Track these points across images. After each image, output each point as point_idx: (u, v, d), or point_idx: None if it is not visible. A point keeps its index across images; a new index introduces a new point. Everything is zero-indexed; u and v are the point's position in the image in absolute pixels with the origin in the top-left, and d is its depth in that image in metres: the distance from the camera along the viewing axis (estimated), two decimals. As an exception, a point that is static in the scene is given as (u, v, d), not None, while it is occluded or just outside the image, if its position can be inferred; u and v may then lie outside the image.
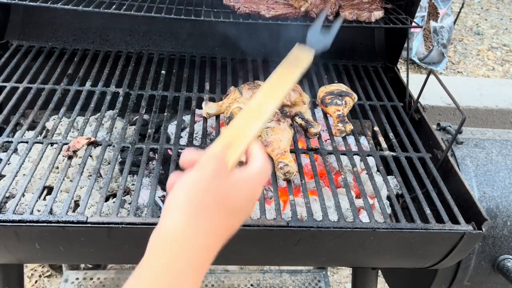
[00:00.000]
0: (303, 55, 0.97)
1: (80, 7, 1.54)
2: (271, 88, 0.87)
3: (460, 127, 1.42)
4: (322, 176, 1.43)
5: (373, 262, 1.44)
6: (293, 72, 0.92)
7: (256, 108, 0.82)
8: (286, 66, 0.94)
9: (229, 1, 1.70)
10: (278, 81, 0.89)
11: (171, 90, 1.66)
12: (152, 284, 0.62)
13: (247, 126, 0.79)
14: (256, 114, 0.81)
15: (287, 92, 0.89)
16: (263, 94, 0.85)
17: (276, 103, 0.84)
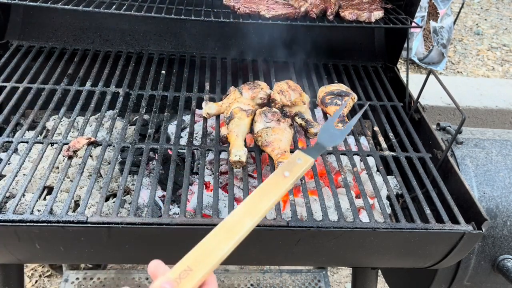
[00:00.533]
0: (301, 162, 0.88)
1: (80, 7, 1.54)
2: (254, 202, 0.79)
3: (460, 127, 1.42)
4: (322, 176, 1.43)
5: (373, 262, 1.44)
6: (285, 182, 0.83)
7: (231, 225, 0.75)
8: (279, 175, 0.84)
9: (229, 1, 1.70)
10: (263, 193, 0.80)
11: (171, 90, 1.66)
12: None
13: (214, 250, 0.72)
14: (229, 234, 0.74)
15: (270, 208, 0.80)
16: (243, 209, 0.77)
17: (254, 221, 0.76)
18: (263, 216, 0.79)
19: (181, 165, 1.46)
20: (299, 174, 0.85)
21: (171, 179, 1.26)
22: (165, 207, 1.17)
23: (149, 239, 1.17)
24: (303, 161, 0.88)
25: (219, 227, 0.74)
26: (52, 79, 1.65)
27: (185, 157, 1.34)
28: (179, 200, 1.42)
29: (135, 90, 1.63)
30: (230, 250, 0.72)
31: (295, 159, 0.88)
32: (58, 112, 1.51)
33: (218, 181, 1.28)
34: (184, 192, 1.22)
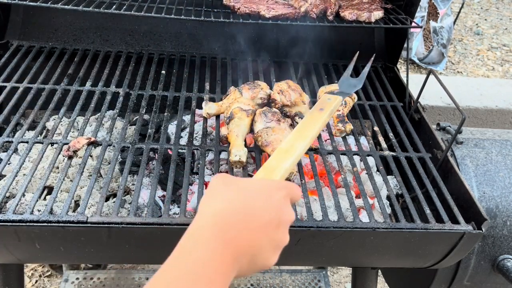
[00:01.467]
0: (331, 100, 1.06)
1: (80, 7, 1.54)
2: (301, 130, 0.93)
3: (460, 127, 1.42)
4: (322, 176, 1.43)
5: (373, 262, 1.44)
6: (321, 115, 1.00)
7: (288, 148, 0.86)
8: (315, 110, 1.01)
9: (229, 1, 1.70)
10: (307, 124, 0.96)
11: (171, 90, 1.66)
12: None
13: (278, 165, 0.82)
14: (287, 154, 0.85)
15: (316, 134, 0.96)
16: (294, 136, 0.91)
17: (306, 143, 0.90)
18: (311, 141, 0.93)
19: (181, 165, 1.46)
20: (331, 108, 1.03)
21: (171, 179, 1.26)
22: (165, 207, 1.17)
23: (149, 239, 1.17)
24: (332, 99, 1.06)
25: (276, 151, 0.86)
26: (52, 79, 1.65)
27: (185, 157, 1.34)
28: (179, 200, 1.42)
29: (135, 90, 1.63)
30: (291, 166, 0.84)
31: (326, 98, 1.06)
32: (58, 112, 1.51)
33: (218, 181, 1.28)
34: (184, 192, 1.22)
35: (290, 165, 0.84)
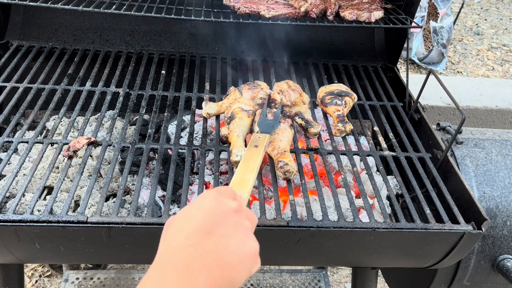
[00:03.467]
0: (261, 138, 1.23)
1: (80, 7, 1.54)
2: (247, 164, 1.06)
3: (460, 127, 1.42)
4: (322, 176, 1.43)
5: (373, 262, 1.44)
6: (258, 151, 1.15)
7: (240, 181, 0.96)
8: (251, 148, 1.16)
9: (229, 1, 1.70)
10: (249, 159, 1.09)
11: (171, 90, 1.66)
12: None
13: None
14: (242, 185, 0.94)
15: (258, 167, 1.09)
16: (242, 170, 1.02)
17: (254, 174, 1.01)
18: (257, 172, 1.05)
19: (181, 165, 1.46)
20: (264, 144, 1.20)
21: (171, 179, 1.26)
22: (165, 207, 1.17)
23: (149, 239, 1.17)
24: (262, 137, 1.23)
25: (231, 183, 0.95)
26: (52, 79, 1.65)
27: (185, 157, 1.34)
28: (179, 200, 1.42)
29: (135, 90, 1.63)
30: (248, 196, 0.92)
31: (256, 137, 1.24)
32: (58, 112, 1.51)
33: (218, 181, 1.28)
34: (184, 192, 1.22)
35: (247, 195, 0.91)
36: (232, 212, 0.72)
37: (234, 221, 0.71)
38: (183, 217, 0.71)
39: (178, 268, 0.62)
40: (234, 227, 0.71)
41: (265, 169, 1.43)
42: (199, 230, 0.67)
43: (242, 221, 0.73)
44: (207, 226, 0.68)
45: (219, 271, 0.64)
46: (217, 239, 0.67)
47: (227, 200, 0.74)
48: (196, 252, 0.64)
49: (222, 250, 0.66)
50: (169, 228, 0.72)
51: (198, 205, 0.72)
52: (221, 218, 0.70)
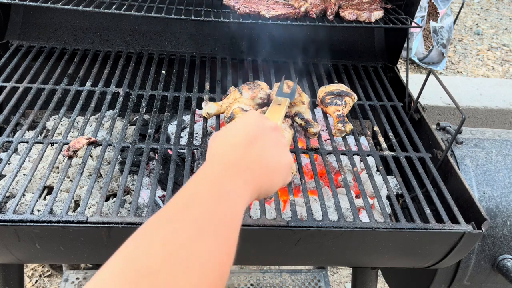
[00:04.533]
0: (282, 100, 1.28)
1: (80, 7, 1.54)
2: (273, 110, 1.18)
3: (460, 127, 1.42)
4: (322, 176, 1.43)
5: (373, 262, 1.44)
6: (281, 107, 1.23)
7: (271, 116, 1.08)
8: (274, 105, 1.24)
9: (229, 1, 1.70)
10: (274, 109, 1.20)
11: (171, 90, 1.66)
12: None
13: None
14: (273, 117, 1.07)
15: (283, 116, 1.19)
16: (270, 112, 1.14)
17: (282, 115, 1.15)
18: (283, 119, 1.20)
19: (181, 165, 1.46)
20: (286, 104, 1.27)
21: (171, 179, 1.26)
22: (165, 207, 1.17)
23: (149, 239, 1.17)
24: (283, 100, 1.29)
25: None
26: (52, 79, 1.65)
27: (185, 157, 1.34)
28: (179, 200, 1.41)
29: (135, 90, 1.63)
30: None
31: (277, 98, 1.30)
32: (58, 112, 1.51)
33: (218, 181, 1.28)
34: (184, 192, 1.22)
35: (279, 123, 1.13)
36: (271, 129, 0.85)
37: (274, 136, 0.84)
38: (229, 131, 0.82)
39: (227, 165, 0.72)
40: (274, 141, 0.83)
41: (265, 169, 1.42)
42: (245, 141, 0.78)
43: (280, 137, 0.85)
44: (252, 138, 0.79)
45: (261, 173, 0.76)
46: (260, 149, 0.78)
47: (267, 120, 0.87)
48: (242, 157, 0.75)
49: (264, 157, 0.78)
50: (214, 140, 0.81)
51: (243, 122, 0.83)
52: (263, 133, 0.82)
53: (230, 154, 0.75)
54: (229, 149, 0.76)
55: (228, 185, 0.69)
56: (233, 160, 0.74)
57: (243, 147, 0.77)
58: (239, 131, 0.81)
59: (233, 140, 0.78)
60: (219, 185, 0.68)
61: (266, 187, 0.78)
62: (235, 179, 0.71)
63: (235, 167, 0.72)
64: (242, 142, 0.78)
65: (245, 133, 0.80)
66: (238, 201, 0.68)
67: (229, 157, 0.74)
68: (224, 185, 0.68)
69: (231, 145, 0.77)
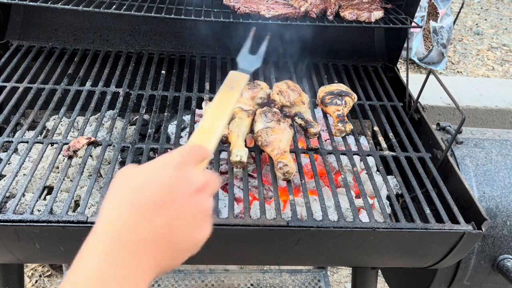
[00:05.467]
0: (239, 79, 1.03)
1: (80, 7, 1.54)
2: (218, 109, 0.91)
3: (460, 127, 1.42)
4: (322, 176, 1.43)
5: (373, 262, 1.44)
6: (234, 94, 0.97)
7: (207, 129, 0.84)
8: (226, 89, 0.98)
9: (229, 1, 1.70)
10: (222, 103, 0.94)
11: (171, 90, 1.66)
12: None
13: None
14: (210, 133, 0.83)
15: (231, 112, 0.94)
16: (211, 116, 0.88)
17: (224, 123, 0.88)
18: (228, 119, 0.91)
19: (181, 165, 1.46)
20: (241, 86, 1.00)
21: (171, 179, 1.26)
22: (165, 207, 1.17)
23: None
24: (240, 77, 1.03)
25: (198, 131, 0.83)
26: (52, 79, 1.65)
27: (185, 157, 1.34)
28: (179, 200, 1.41)
29: (135, 90, 1.63)
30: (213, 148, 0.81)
31: (234, 76, 1.03)
32: (58, 112, 1.51)
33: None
34: (184, 192, 1.22)
35: (213, 147, 0.81)
36: (194, 192, 0.63)
37: (194, 203, 0.63)
38: (138, 182, 0.62)
39: (126, 246, 0.56)
40: (191, 209, 0.63)
41: (265, 169, 1.42)
42: (154, 206, 0.59)
43: (203, 203, 0.64)
44: (164, 203, 0.60)
45: (167, 254, 0.60)
46: (172, 219, 0.60)
47: (192, 173, 0.65)
48: (148, 231, 0.58)
49: (175, 233, 0.60)
50: (120, 187, 0.62)
51: (159, 175, 0.62)
52: (180, 197, 0.62)
53: (125, 226, 0.57)
54: (126, 216, 0.58)
55: (116, 277, 0.53)
56: (127, 237, 0.56)
57: (150, 214, 0.58)
58: (150, 187, 0.60)
59: (135, 203, 0.59)
60: (102, 278, 0.53)
61: (168, 266, 0.61)
62: (126, 267, 0.55)
63: (128, 247, 0.56)
64: (150, 206, 0.59)
65: (157, 193, 0.60)
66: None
67: (122, 231, 0.57)
68: (109, 279, 0.53)
69: (130, 211, 0.58)
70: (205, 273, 2.20)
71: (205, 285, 2.17)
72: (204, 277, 2.19)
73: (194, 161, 0.68)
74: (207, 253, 1.23)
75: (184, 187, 0.63)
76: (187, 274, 2.19)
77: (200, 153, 0.71)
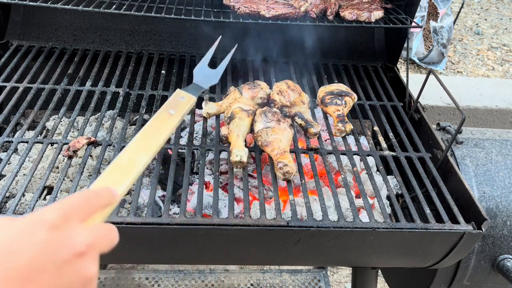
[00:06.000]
0: (185, 100, 0.91)
1: (80, 7, 1.54)
2: (146, 138, 0.77)
3: (460, 127, 1.42)
4: (322, 176, 1.43)
5: (373, 262, 1.44)
6: (172, 120, 0.84)
7: (127, 164, 0.70)
8: (164, 113, 0.85)
9: (229, 1, 1.70)
10: (154, 130, 0.79)
11: (171, 90, 1.66)
12: None
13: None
14: (126, 171, 0.68)
15: (163, 144, 0.79)
16: (136, 146, 0.74)
17: (149, 157, 0.74)
18: (156, 152, 0.77)
19: (181, 165, 1.46)
20: (185, 111, 0.88)
21: (171, 179, 1.26)
22: (165, 207, 1.17)
23: (149, 239, 1.17)
24: (186, 99, 0.90)
25: (113, 165, 0.68)
26: (52, 79, 1.65)
27: (185, 157, 1.34)
28: (179, 200, 1.42)
29: (135, 90, 1.63)
30: (127, 188, 0.67)
31: (178, 98, 0.90)
32: (58, 112, 1.51)
33: (218, 181, 1.28)
34: (184, 192, 1.22)
35: (125, 189, 0.66)
36: (72, 257, 0.50)
37: (71, 271, 0.49)
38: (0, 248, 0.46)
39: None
40: (69, 280, 0.49)
41: (265, 169, 1.43)
42: (19, 279, 0.45)
43: (83, 270, 0.51)
44: (31, 274, 0.46)
45: None
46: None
47: (73, 233, 0.51)
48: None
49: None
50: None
51: (27, 238, 0.47)
52: (52, 266, 0.48)
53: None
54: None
55: None
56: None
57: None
58: (11, 258, 0.45)
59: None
60: None
61: None
62: None
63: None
64: (9, 284, 0.44)
65: (19, 266, 0.45)
66: None
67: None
68: None
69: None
70: (205, 273, 2.20)
71: (205, 285, 2.17)
72: (204, 277, 2.19)
73: (85, 213, 0.55)
74: (207, 253, 1.24)
75: (58, 253, 0.49)
76: (187, 274, 2.19)
77: (99, 200, 0.57)
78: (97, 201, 0.57)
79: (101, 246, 0.56)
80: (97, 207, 0.57)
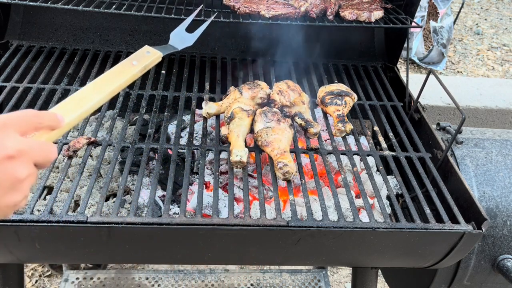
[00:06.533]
0: (150, 54, 0.95)
1: (80, 7, 1.54)
2: (103, 81, 0.84)
3: (460, 127, 1.42)
4: (322, 176, 1.43)
5: (373, 262, 1.44)
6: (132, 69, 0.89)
7: (80, 99, 0.78)
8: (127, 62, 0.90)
9: (229, 1, 1.70)
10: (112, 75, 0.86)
11: (171, 90, 1.66)
12: None
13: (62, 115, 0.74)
14: (77, 104, 0.77)
15: (118, 89, 0.85)
16: (92, 86, 0.81)
17: (102, 97, 0.81)
18: (110, 95, 0.83)
19: (181, 165, 1.46)
20: (146, 63, 0.92)
21: (171, 179, 1.26)
22: (165, 207, 1.17)
23: (149, 239, 1.17)
24: (151, 54, 0.95)
25: (69, 99, 0.77)
26: (52, 79, 1.65)
27: (185, 157, 1.34)
28: (179, 200, 1.42)
29: (135, 90, 1.63)
30: (77, 120, 0.76)
31: (144, 51, 0.95)
32: (58, 112, 1.51)
33: (218, 181, 1.28)
34: (184, 192, 1.22)
35: (74, 118, 0.74)
36: (2, 159, 0.58)
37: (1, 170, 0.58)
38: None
39: None
40: None
41: (265, 169, 1.43)
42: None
43: (12, 170, 0.59)
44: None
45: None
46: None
47: (8, 138, 0.59)
48: None
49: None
50: None
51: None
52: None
53: None
54: None
55: None
56: None
57: None
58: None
59: None
60: None
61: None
62: None
63: None
64: None
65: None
66: None
67: None
68: None
69: None
70: (205, 273, 2.20)
71: (205, 285, 2.17)
72: (204, 277, 2.19)
73: (22, 127, 0.62)
74: (207, 253, 1.24)
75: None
76: (187, 274, 2.19)
77: (39, 119, 0.65)
78: (37, 119, 0.65)
79: (34, 156, 0.62)
80: (36, 124, 0.64)
